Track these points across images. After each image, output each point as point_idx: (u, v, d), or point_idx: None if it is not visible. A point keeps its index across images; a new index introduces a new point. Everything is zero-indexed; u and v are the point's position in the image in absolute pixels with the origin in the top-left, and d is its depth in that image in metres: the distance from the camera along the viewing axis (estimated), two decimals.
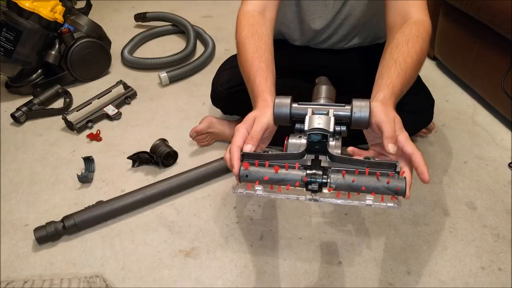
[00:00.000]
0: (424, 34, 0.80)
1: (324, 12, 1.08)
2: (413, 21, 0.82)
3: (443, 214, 1.02)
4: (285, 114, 0.69)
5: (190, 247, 0.97)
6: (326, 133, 0.63)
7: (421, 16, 0.83)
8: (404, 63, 0.74)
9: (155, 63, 1.70)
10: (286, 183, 0.61)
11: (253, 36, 0.84)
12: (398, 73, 0.73)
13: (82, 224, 1.00)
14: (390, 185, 0.59)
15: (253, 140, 0.66)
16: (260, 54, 0.81)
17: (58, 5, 1.54)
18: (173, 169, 1.20)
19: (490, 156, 1.19)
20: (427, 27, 0.82)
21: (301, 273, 0.90)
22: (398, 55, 0.75)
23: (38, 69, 1.60)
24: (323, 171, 0.60)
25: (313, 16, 1.09)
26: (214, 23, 2.07)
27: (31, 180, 1.19)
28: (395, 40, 0.79)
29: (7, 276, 0.92)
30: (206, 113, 1.40)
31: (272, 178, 0.60)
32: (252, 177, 0.61)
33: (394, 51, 0.77)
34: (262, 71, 0.79)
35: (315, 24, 1.10)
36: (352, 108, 0.66)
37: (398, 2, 0.86)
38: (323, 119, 0.65)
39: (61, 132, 1.39)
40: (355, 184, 0.59)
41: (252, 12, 0.88)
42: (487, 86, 1.34)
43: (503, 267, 0.89)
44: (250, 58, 0.81)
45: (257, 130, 0.68)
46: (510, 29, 1.14)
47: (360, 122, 0.66)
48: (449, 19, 1.46)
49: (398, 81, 0.72)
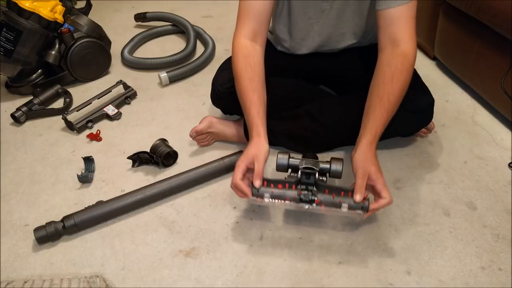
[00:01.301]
0: (408, 67, 0.94)
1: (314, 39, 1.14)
2: (400, 52, 0.94)
3: (443, 214, 1.02)
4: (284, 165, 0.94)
5: (190, 247, 0.97)
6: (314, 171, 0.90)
7: (408, 44, 0.94)
8: (388, 103, 0.91)
9: (155, 63, 1.70)
10: (286, 196, 0.89)
11: (247, 69, 0.99)
12: (381, 115, 0.91)
13: (82, 224, 1.00)
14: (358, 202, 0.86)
15: (259, 177, 0.88)
16: (254, 87, 0.97)
17: (58, 5, 1.54)
18: (173, 169, 1.20)
19: (490, 156, 1.19)
20: (411, 59, 0.95)
21: (301, 273, 0.90)
22: (383, 94, 0.92)
23: (38, 69, 1.60)
24: (312, 191, 0.88)
25: (302, 42, 1.16)
26: (214, 23, 2.07)
27: (31, 180, 1.19)
28: (381, 76, 0.94)
29: (7, 276, 0.92)
30: (206, 113, 1.40)
31: (276, 193, 0.89)
32: (261, 191, 0.89)
33: (380, 88, 0.93)
34: (255, 104, 0.96)
35: (305, 49, 1.17)
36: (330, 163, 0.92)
37: (388, 27, 0.96)
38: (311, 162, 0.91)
39: (61, 132, 1.39)
40: (335, 200, 0.87)
41: (245, 42, 1.02)
42: (487, 86, 1.34)
43: (503, 267, 0.89)
44: (245, 90, 0.97)
45: (260, 169, 0.89)
46: (510, 29, 1.14)
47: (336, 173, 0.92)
48: (449, 19, 1.46)
49: (380, 123, 0.91)
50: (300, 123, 1.15)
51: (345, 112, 1.14)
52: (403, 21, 0.94)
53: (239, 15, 1.04)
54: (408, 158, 1.19)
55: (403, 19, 0.94)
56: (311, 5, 1.06)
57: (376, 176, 0.85)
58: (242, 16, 1.03)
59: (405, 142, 1.24)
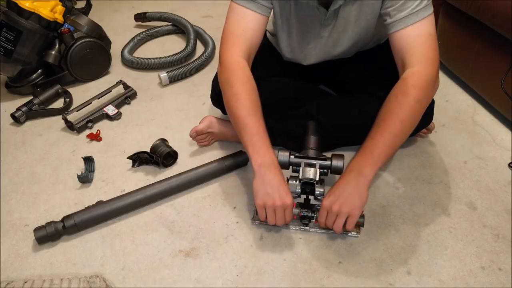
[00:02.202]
0: (415, 84, 0.88)
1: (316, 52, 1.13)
2: (406, 74, 0.90)
3: (443, 214, 1.02)
4: (286, 162, 0.99)
5: (190, 247, 0.97)
6: (313, 181, 0.95)
7: (418, 66, 0.89)
8: (384, 123, 0.89)
9: (155, 63, 1.70)
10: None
11: (244, 86, 0.96)
12: (380, 135, 0.88)
13: (82, 224, 1.00)
14: None
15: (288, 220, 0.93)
16: (253, 111, 0.94)
17: (58, 5, 1.54)
18: (173, 169, 1.20)
19: (490, 156, 1.19)
20: (419, 77, 0.89)
21: (301, 273, 0.90)
22: (383, 115, 0.90)
23: (38, 69, 1.60)
24: (312, 208, 0.95)
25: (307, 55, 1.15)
26: (214, 23, 2.07)
27: (31, 180, 1.19)
28: (386, 99, 0.92)
29: (7, 276, 0.92)
30: (206, 113, 1.40)
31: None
32: None
33: (381, 110, 0.91)
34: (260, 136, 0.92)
35: (307, 61, 1.17)
36: (331, 160, 0.98)
37: (398, 52, 0.93)
38: (312, 171, 0.96)
39: (61, 132, 1.39)
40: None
41: (241, 61, 0.98)
42: (487, 86, 1.34)
43: (503, 267, 0.89)
44: (246, 117, 0.93)
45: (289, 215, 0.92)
46: (510, 29, 1.14)
47: (337, 169, 0.98)
48: (449, 19, 1.46)
49: (382, 144, 0.88)
50: (300, 123, 1.15)
51: (345, 112, 1.15)
52: (411, 41, 0.90)
53: (229, 35, 1.00)
54: (408, 158, 1.19)
55: (411, 40, 0.90)
56: (310, 30, 1.06)
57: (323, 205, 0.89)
58: (233, 38, 1.00)
59: (405, 142, 1.22)
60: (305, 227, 0.97)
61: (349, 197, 0.86)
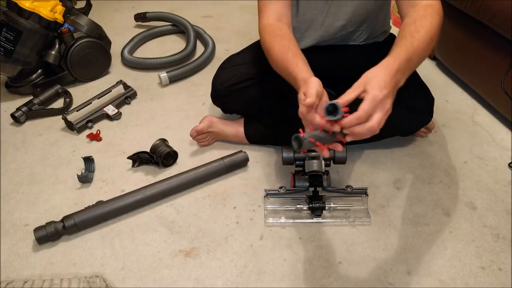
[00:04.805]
0: (433, 13, 0.85)
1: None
2: (421, 5, 0.87)
3: (443, 214, 1.02)
4: (291, 158, 1.03)
5: (190, 247, 0.97)
6: (320, 173, 0.99)
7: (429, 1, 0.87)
8: (411, 37, 0.79)
9: (155, 63, 1.69)
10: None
11: (276, 38, 0.93)
12: (404, 45, 0.78)
13: (82, 224, 1.00)
14: None
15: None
16: (286, 50, 0.90)
17: (58, 5, 1.54)
18: (173, 169, 1.20)
19: (490, 156, 1.19)
20: (436, 8, 0.87)
21: (301, 273, 0.90)
22: (404, 33, 0.81)
23: (38, 69, 1.59)
24: (321, 199, 1.00)
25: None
26: (214, 23, 2.07)
27: (31, 180, 1.19)
28: (402, 25, 0.86)
29: (7, 276, 0.92)
30: (206, 113, 1.40)
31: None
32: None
33: (401, 32, 0.83)
34: (292, 61, 0.88)
35: (308, 41, 1.14)
36: (334, 150, 0.90)
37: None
38: (316, 163, 0.99)
39: (61, 132, 1.39)
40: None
41: (270, 22, 0.98)
42: (487, 86, 1.34)
43: (503, 267, 0.89)
44: (279, 57, 0.90)
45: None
46: (510, 29, 1.14)
47: (340, 159, 1.02)
48: (449, 19, 1.46)
49: (404, 55, 0.76)
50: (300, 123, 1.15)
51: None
52: None
53: (260, 3, 1.01)
54: (408, 158, 1.19)
55: None
56: None
57: (371, 86, 0.71)
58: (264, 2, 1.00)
59: (405, 142, 1.24)
60: (318, 218, 1.00)
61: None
